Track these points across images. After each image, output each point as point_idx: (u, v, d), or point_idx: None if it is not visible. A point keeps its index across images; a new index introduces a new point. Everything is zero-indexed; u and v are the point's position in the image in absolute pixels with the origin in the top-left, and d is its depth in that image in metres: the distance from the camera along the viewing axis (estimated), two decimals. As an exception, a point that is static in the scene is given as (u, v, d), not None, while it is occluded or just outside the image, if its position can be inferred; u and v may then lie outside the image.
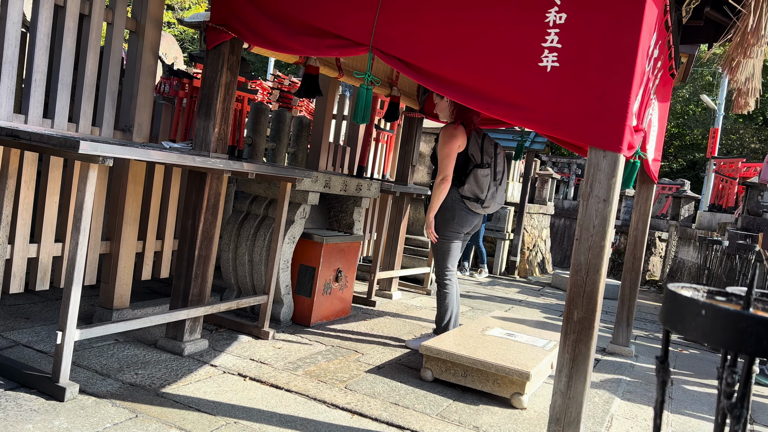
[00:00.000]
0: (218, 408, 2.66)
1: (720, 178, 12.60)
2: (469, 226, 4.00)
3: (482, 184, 3.86)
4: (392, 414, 2.86)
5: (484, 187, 3.87)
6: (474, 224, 4.04)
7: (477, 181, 3.85)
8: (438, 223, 3.95)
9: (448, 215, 3.91)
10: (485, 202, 3.90)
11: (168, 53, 9.33)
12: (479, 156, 3.88)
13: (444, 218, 3.92)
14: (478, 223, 4.09)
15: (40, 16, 2.90)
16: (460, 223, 3.93)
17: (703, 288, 1.01)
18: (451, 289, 4.00)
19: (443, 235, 3.95)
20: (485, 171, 3.87)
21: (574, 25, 2.40)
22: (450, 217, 3.91)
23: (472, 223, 4.00)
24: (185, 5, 18.80)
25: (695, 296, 0.92)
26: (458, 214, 3.90)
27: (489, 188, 3.89)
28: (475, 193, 3.87)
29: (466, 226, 3.98)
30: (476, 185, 3.86)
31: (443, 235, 3.95)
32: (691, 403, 3.82)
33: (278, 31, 3.01)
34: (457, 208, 3.90)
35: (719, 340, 0.87)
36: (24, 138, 2.45)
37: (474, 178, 3.85)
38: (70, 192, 3.29)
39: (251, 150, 4.60)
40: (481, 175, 3.86)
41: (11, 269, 3.03)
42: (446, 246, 3.97)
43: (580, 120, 2.41)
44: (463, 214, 3.91)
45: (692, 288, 0.98)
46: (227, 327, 3.88)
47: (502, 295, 7.13)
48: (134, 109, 3.41)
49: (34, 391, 2.54)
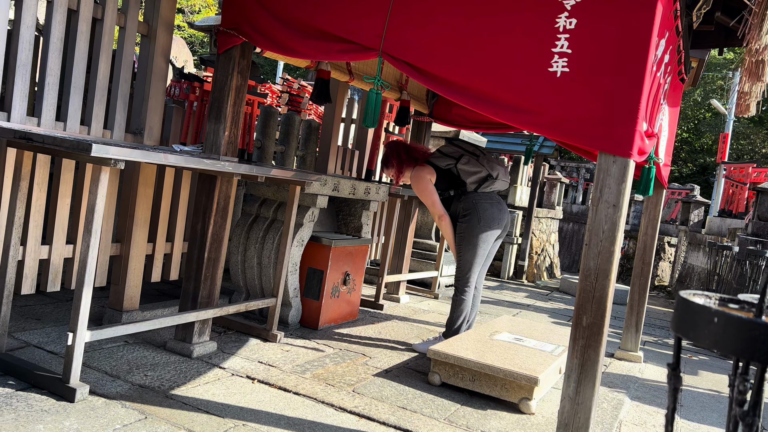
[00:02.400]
0: (227, 410, 2.67)
1: (730, 183, 12.52)
2: (496, 223, 3.91)
3: (471, 166, 3.93)
4: (400, 418, 2.86)
5: (475, 167, 3.93)
6: (504, 223, 3.97)
7: (467, 170, 3.92)
8: (464, 231, 3.90)
9: (473, 220, 3.87)
10: (492, 173, 3.93)
11: (178, 56, 9.39)
12: (445, 161, 4.01)
13: (470, 224, 3.88)
14: (508, 222, 4.04)
15: (53, 20, 2.93)
16: (487, 223, 3.87)
17: (715, 295, 1.01)
18: (467, 297, 3.97)
19: (470, 243, 3.88)
20: (464, 159, 3.96)
21: (584, 31, 2.40)
22: (475, 221, 3.86)
23: (499, 221, 3.93)
24: (195, 9, 18.92)
25: (707, 304, 0.92)
26: (482, 215, 3.86)
27: (481, 165, 3.95)
28: (477, 176, 3.91)
29: (494, 225, 3.90)
30: (470, 172, 3.92)
31: (469, 242, 3.88)
32: (700, 409, 3.80)
33: (289, 35, 3.03)
34: (479, 207, 3.87)
35: (732, 347, 0.87)
36: (37, 141, 2.47)
37: (464, 173, 3.93)
38: (82, 194, 3.31)
39: (260, 153, 4.62)
40: (463, 164, 3.94)
41: (23, 270, 3.06)
42: (471, 253, 3.90)
43: (590, 125, 2.40)
44: (486, 209, 3.87)
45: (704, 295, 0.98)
46: (236, 329, 3.89)
47: (510, 300, 7.11)
48: (145, 113, 3.44)
49: (45, 392, 2.56)
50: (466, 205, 3.92)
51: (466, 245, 3.90)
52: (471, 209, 3.89)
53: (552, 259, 10.58)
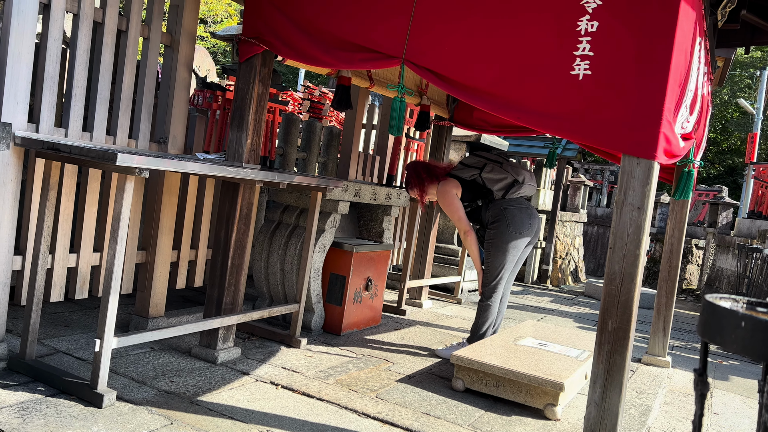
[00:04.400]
0: (251, 416, 2.69)
1: (759, 184, 12.24)
2: (527, 230, 3.87)
3: (496, 174, 3.91)
4: (423, 424, 2.85)
5: (500, 174, 3.90)
6: (534, 228, 3.93)
7: (492, 178, 3.90)
8: (493, 237, 3.87)
9: (502, 226, 3.83)
10: (518, 178, 3.89)
11: (201, 66, 9.52)
12: (469, 172, 3.98)
13: (499, 230, 3.84)
14: (538, 228, 3.98)
15: (79, 32, 3.00)
16: (517, 230, 3.83)
17: (742, 299, 0.99)
18: (494, 304, 3.94)
19: (500, 250, 3.84)
20: (488, 167, 3.93)
21: (606, 33, 2.37)
22: (504, 227, 3.82)
23: (531, 227, 3.89)
24: (217, 19, 19.16)
25: (734, 307, 0.90)
26: (511, 222, 3.82)
27: (505, 170, 3.92)
28: (503, 182, 3.88)
29: (524, 230, 3.85)
30: (497, 180, 3.89)
31: (500, 249, 3.84)
32: (731, 415, 3.71)
33: (311, 44, 3.04)
34: (507, 214, 3.84)
35: (760, 352, 0.85)
36: (64, 151, 2.52)
37: (489, 181, 3.90)
38: (108, 203, 3.37)
39: (282, 160, 4.65)
40: (488, 171, 3.92)
41: (52, 278, 3.12)
42: (500, 260, 3.86)
43: (613, 127, 2.38)
44: (515, 215, 3.83)
45: (731, 299, 0.96)
46: (259, 335, 3.92)
47: (534, 305, 7.05)
48: (169, 122, 3.49)
49: (74, 398, 2.60)
50: (494, 213, 3.88)
51: (495, 252, 3.86)
52: (500, 216, 3.85)
53: (577, 263, 10.46)
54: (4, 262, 2.77)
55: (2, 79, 2.66)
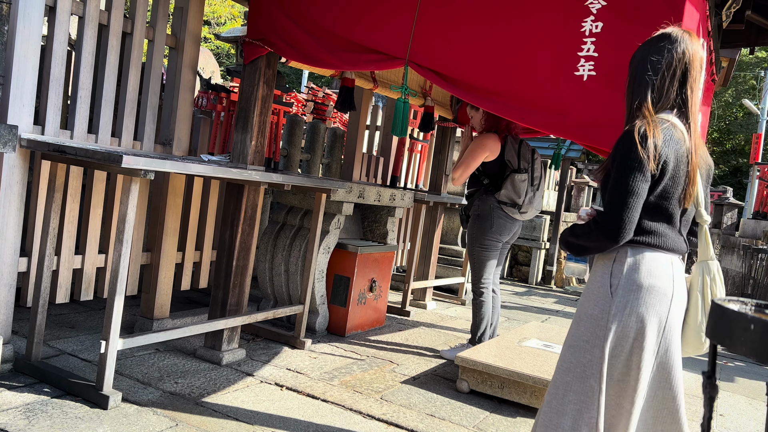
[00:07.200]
0: (256, 417, 2.69)
1: (764, 184, 12.20)
2: (507, 233, 3.95)
3: (519, 189, 3.84)
4: (428, 425, 2.85)
5: (521, 192, 3.84)
6: (513, 232, 3.99)
7: (514, 186, 3.83)
8: (475, 231, 3.93)
9: (485, 224, 3.89)
10: (522, 207, 3.86)
11: (205, 68, 9.54)
12: (516, 161, 3.86)
13: (482, 227, 3.90)
14: (517, 231, 4.04)
15: (85, 35, 3.01)
16: (498, 231, 3.90)
17: (751, 301, 0.99)
18: (486, 299, 3.96)
19: (481, 244, 3.92)
20: (522, 176, 3.85)
21: (610, 34, 2.37)
22: (488, 225, 3.89)
23: (510, 230, 3.96)
24: (222, 20, 19.21)
25: (743, 310, 0.90)
26: (496, 222, 3.87)
27: (526, 193, 3.86)
28: (512, 198, 3.85)
29: (505, 233, 3.94)
30: (513, 190, 3.84)
31: (481, 243, 3.92)
32: (737, 417, 3.70)
33: (316, 46, 3.05)
34: (494, 216, 3.87)
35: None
36: (70, 153, 2.53)
37: (511, 184, 3.83)
38: (113, 205, 3.38)
39: (287, 161, 4.66)
40: (519, 180, 3.84)
41: (58, 280, 3.13)
42: (483, 255, 3.93)
43: (617, 128, 2.37)
44: (501, 222, 3.88)
45: (739, 301, 0.96)
46: (264, 336, 3.92)
47: (539, 306, 7.03)
48: (174, 123, 3.50)
49: (79, 399, 2.61)
50: (483, 207, 3.90)
51: (478, 247, 3.93)
52: (487, 214, 3.89)
53: (581, 264, 10.42)
54: (9, 264, 2.78)
55: (8, 82, 2.67)
